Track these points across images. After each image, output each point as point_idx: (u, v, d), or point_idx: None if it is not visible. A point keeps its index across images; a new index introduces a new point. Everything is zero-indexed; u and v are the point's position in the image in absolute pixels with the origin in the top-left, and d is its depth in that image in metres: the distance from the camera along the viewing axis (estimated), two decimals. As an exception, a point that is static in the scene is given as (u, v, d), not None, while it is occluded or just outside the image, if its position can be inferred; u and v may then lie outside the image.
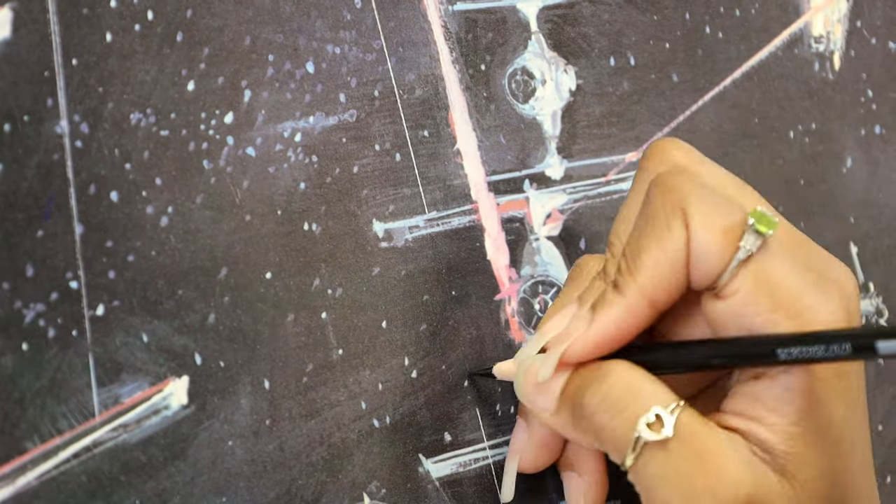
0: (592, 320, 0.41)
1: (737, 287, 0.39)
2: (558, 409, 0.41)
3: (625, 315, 0.40)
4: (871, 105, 0.59)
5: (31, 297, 0.40)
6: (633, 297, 0.40)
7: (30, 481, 0.39)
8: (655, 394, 0.39)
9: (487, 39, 0.50)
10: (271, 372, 0.44)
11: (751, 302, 0.39)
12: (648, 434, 0.39)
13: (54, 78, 0.41)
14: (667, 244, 0.39)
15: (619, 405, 0.39)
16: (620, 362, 0.40)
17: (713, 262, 0.39)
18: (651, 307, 0.40)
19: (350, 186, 0.46)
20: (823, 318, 0.39)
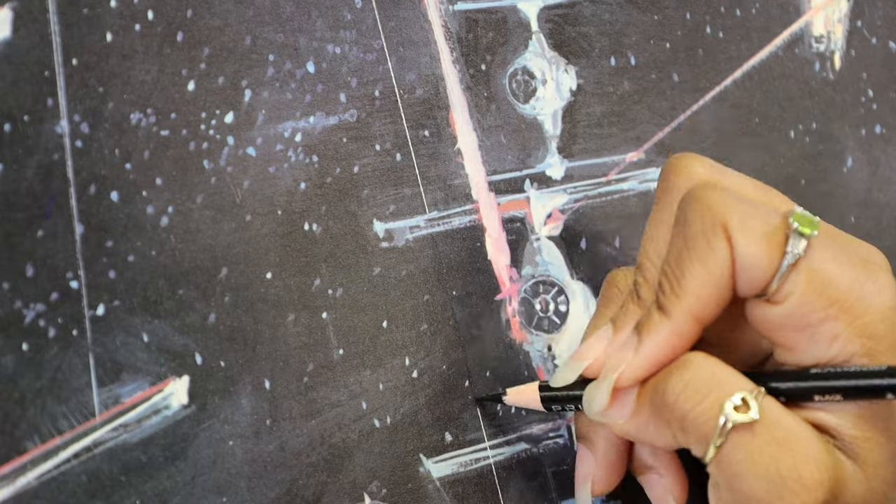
0: (640, 344, 0.41)
1: (789, 291, 0.39)
2: (636, 412, 0.41)
3: (673, 337, 0.40)
4: (871, 105, 0.58)
5: (31, 297, 0.40)
6: (681, 319, 0.40)
7: (30, 481, 0.39)
8: (737, 380, 0.39)
9: (488, 39, 0.50)
10: (272, 372, 0.44)
11: (805, 303, 0.39)
12: (736, 416, 0.38)
13: (54, 78, 0.41)
14: (711, 263, 0.39)
15: (704, 391, 0.39)
16: (697, 353, 0.40)
17: (761, 271, 0.39)
18: (698, 324, 0.40)
19: (351, 186, 0.46)
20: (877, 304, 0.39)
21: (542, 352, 0.49)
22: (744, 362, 0.42)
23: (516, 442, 0.48)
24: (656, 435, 0.41)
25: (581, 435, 0.45)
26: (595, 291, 0.51)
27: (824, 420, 0.40)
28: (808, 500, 0.38)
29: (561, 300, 0.50)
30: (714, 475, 0.40)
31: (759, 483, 0.38)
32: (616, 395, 0.41)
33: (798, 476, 0.38)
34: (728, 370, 0.40)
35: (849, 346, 0.39)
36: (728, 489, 0.39)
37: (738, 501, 0.39)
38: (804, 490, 0.38)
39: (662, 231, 0.42)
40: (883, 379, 0.39)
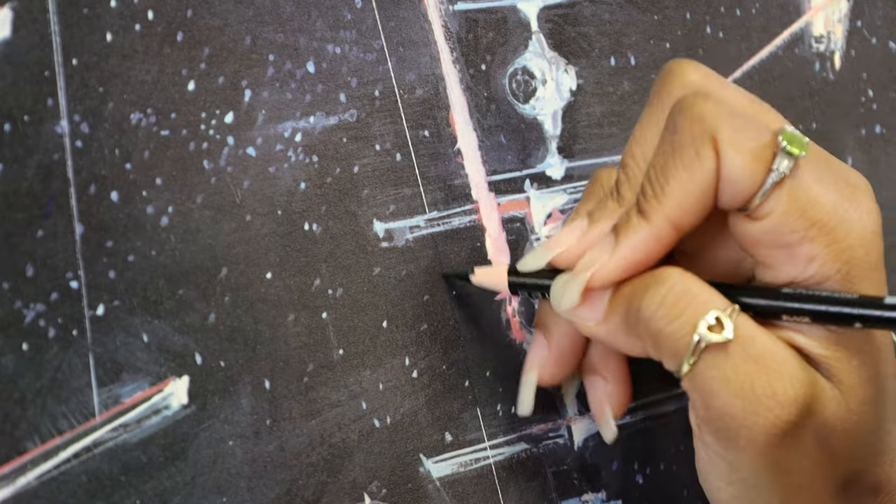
0: (617, 246, 0.41)
1: (770, 208, 0.39)
2: (607, 317, 0.41)
3: (651, 241, 0.40)
4: (871, 105, 0.59)
5: (31, 297, 0.40)
6: (660, 224, 0.40)
7: (30, 481, 0.39)
8: (712, 298, 0.39)
9: (488, 39, 0.50)
10: (272, 372, 0.44)
11: (786, 222, 0.39)
12: (710, 336, 0.39)
13: (54, 78, 0.41)
14: (696, 172, 0.39)
15: (678, 308, 0.39)
16: (674, 268, 0.40)
17: (745, 186, 0.39)
18: (677, 232, 0.40)
19: (350, 186, 0.46)
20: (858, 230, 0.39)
21: (542, 352, 0.49)
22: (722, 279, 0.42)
23: (516, 442, 0.48)
24: (626, 344, 0.41)
25: (539, 322, 0.45)
26: (595, 291, 0.51)
27: (797, 340, 0.40)
28: (781, 415, 0.38)
29: (561, 300, 0.50)
30: (688, 391, 0.40)
31: (733, 400, 0.39)
32: (587, 296, 0.41)
33: (772, 392, 0.38)
34: (703, 287, 0.40)
35: (825, 268, 0.39)
36: (703, 406, 0.39)
37: (713, 418, 0.39)
38: (778, 406, 0.38)
39: (651, 134, 0.42)
40: (853, 308, 0.39)
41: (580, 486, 0.49)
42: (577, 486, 0.49)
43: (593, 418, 0.47)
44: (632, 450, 0.50)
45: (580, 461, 0.49)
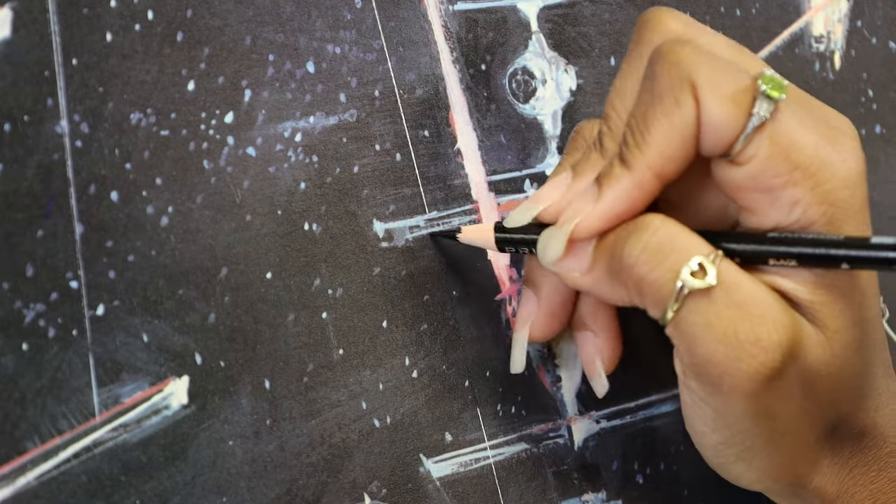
0: (600, 196, 0.40)
1: (752, 153, 0.39)
2: (592, 267, 0.41)
3: (634, 190, 0.40)
4: (871, 105, 0.58)
5: (31, 297, 0.40)
6: (642, 172, 0.40)
7: (30, 481, 0.39)
8: (695, 244, 0.39)
9: (488, 39, 0.50)
10: (272, 372, 0.44)
11: (768, 167, 0.39)
12: (693, 282, 0.38)
13: (54, 78, 0.41)
14: (676, 118, 0.39)
15: (660, 255, 0.39)
16: (656, 215, 0.40)
17: (726, 131, 0.39)
18: (659, 180, 0.40)
19: (350, 186, 0.46)
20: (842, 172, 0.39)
21: (542, 351, 0.49)
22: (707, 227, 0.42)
23: (516, 442, 0.48)
24: (611, 293, 0.41)
25: (528, 279, 0.45)
26: (595, 291, 0.51)
27: (782, 285, 0.40)
28: (765, 360, 0.38)
29: (561, 300, 0.50)
30: (672, 337, 0.40)
31: (716, 346, 0.38)
32: (572, 246, 0.41)
33: (756, 338, 0.38)
34: (686, 233, 0.39)
35: (809, 211, 0.39)
36: (687, 352, 0.39)
37: (697, 364, 0.39)
38: (762, 351, 0.38)
39: (631, 83, 0.42)
40: (839, 249, 0.38)
41: (580, 486, 0.49)
42: (577, 486, 0.49)
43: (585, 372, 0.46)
44: (632, 450, 0.50)
45: (580, 461, 0.49)
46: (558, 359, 0.49)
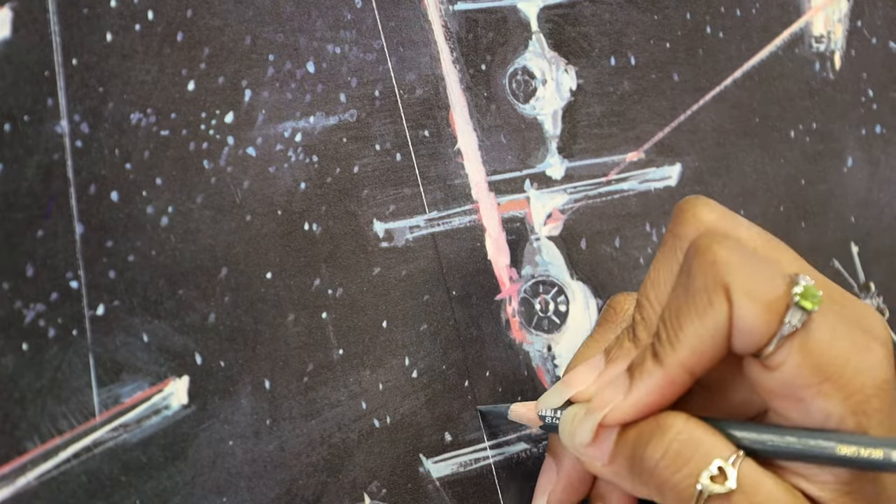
0: (631, 388, 0.41)
1: (782, 360, 0.39)
2: (613, 460, 0.41)
3: (664, 386, 0.40)
4: (871, 105, 0.58)
5: (31, 297, 0.40)
6: (674, 369, 0.40)
7: (30, 481, 0.39)
8: (716, 446, 0.39)
9: (488, 39, 0.50)
10: (272, 372, 0.44)
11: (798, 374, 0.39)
12: (712, 487, 0.39)
13: (54, 78, 0.41)
14: (708, 320, 0.39)
15: (681, 459, 0.39)
16: (679, 414, 0.40)
17: (757, 336, 0.39)
18: (690, 376, 0.40)
19: (350, 186, 0.46)
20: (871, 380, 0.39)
21: (542, 352, 0.49)
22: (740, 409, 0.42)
23: (516, 442, 0.48)
24: (632, 487, 0.42)
25: (551, 448, 0.46)
26: (595, 291, 0.51)
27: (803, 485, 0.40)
28: None
29: (561, 300, 0.50)
30: None
31: None
32: (598, 434, 0.41)
33: None
34: (707, 434, 0.40)
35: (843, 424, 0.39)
36: None
37: None
38: None
39: (664, 275, 0.42)
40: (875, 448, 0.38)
41: (580, 485, 0.49)
42: (576, 485, 0.49)
43: None
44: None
45: (580, 461, 0.49)
46: (558, 359, 0.49)
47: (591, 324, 0.51)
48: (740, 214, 0.54)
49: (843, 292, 0.41)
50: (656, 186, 0.53)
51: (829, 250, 0.57)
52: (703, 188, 0.54)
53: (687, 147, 0.54)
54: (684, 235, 0.42)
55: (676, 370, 0.40)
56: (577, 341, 0.50)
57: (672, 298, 0.40)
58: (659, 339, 0.40)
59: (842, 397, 0.39)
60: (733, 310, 0.39)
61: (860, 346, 0.39)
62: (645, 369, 0.41)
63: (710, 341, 0.39)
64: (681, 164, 0.54)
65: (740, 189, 0.55)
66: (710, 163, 0.54)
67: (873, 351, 0.39)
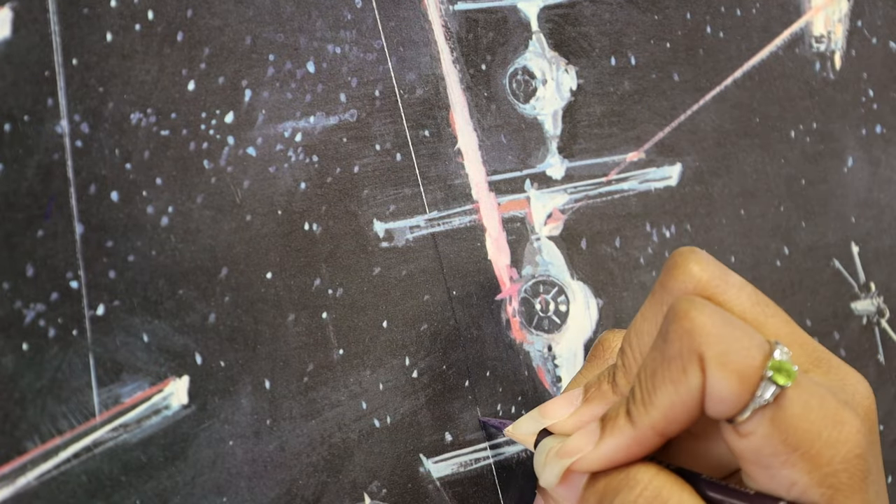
0: (601, 440, 0.41)
1: (752, 429, 0.39)
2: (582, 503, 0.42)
3: (633, 445, 0.41)
4: (872, 105, 0.58)
5: (31, 297, 0.40)
6: (644, 431, 0.41)
7: (30, 481, 0.39)
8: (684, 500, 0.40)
9: (488, 39, 0.50)
10: (272, 372, 0.44)
11: (767, 444, 0.39)
12: None
13: (55, 78, 0.41)
14: (682, 387, 0.40)
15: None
16: (649, 467, 0.41)
17: (729, 406, 0.39)
18: (661, 437, 0.41)
19: (351, 186, 0.46)
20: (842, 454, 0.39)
21: (542, 352, 0.49)
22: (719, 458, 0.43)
23: (516, 442, 0.48)
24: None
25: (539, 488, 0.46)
26: (595, 291, 0.51)
27: None
28: None
29: (561, 300, 0.50)
30: None
31: None
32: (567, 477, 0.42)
33: None
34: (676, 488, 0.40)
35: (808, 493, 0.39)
36: None
37: None
38: None
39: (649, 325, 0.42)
40: None
41: (580, 486, 0.49)
42: (577, 486, 0.49)
43: None
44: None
45: (580, 461, 0.49)
46: (559, 359, 0.49)
47: (592, 324, 0.51)
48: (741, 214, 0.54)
49: (830, 357, 0.42)
50: (657, 186, 0.53)
51: (830, 250, 0.57)
52: (704, 188, 0.54)
53: (687, 147, 0.54)
54: (672, 289, 0.42)
55: (647, 432, 0.40)
56: (577, 341, 0.50)
57: (648, 360, 0.41)
58: (633, 399, 0.41)
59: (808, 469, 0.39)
60: (707, 379, 0.39)
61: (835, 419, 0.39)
62: (617, 425, 0.41)
63: (681, 407, 0.40)
64: (681, 163, 0.54)
65: (740, 189, 0.55)
66: (710, 163, 0.54)
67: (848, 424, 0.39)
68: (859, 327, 0.57)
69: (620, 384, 0.43)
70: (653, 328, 0.42)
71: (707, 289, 0.42)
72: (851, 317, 0.57)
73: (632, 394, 0.41)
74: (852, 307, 0.57)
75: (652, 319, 0.42)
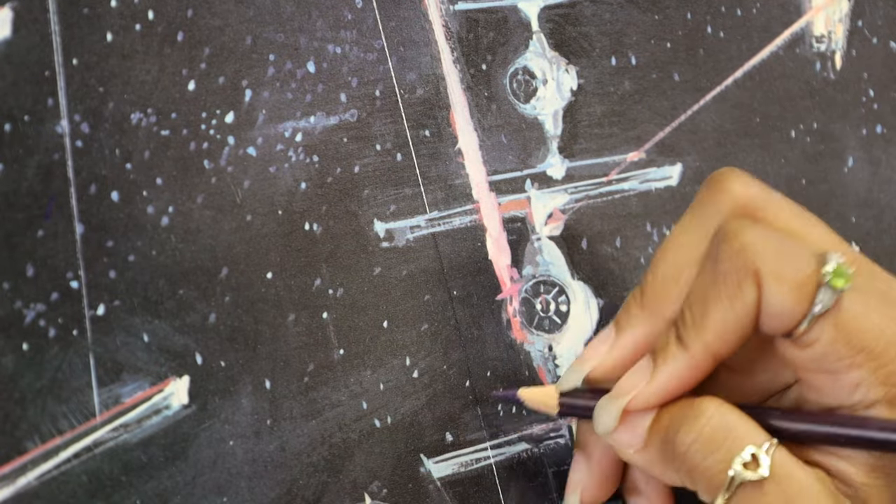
0: (655, 373, 0.41)
1: (815, 338, 0.39)
2: (646, 447, 0.41)
3: (689, 371, 0.40)
4: (872, 105, 0.58)
5: (31, 297, 0.40)
6: (699, 354, 0.40)
7: (30, 481, 0.39)
8: (749, 433, 0.39)
9: (489, 39, 0.50)
10: (272, 372, 0.44)
11: (831, 351, 0.39)
12: (745, 474, 0.39)
13: (55, 78, 0.41)
14: (738, 304, 0.39)
15: (714, 444, 0.39)
16: (713, 400, 0.40)
17: (788, 318, 0.39)
18: (715, 360, 0.40)
19: (351, 186, 0.46)
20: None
21: (543, 352, 0.49)
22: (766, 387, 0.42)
23: (517, 442, 0.48)
24: (663, 474, 0.41)
25: (580, 443, 0.45)
26: (596, 291, 0.51)
27: (837, 466, 0.40)
28: None
29: (562, 300, 0.50)
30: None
31: None
32: (626, 420, 0.41)
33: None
34: (741, 420, 0.39)
35: (871, 392, 0.39)
36: None
37: None
38: None
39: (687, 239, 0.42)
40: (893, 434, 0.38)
41: (581, 486, 0.49)
42: (577, 486, 0.49)
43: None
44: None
45: (581, 461, 0.49)
46: (559, 359, 0.49)
47: (592, 324, 0.51)
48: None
49: (873, 266, 0.41)
50: (657, 186, 0.53)
51: (830, 250, 0.57)
52: (704, 188, 0.54)
53: (688, 147, 0.54)
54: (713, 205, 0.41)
55: (701, 355, 0.40)
56: (578, 341, 0.50)
57: (698, 283, 0.40)
58: (684, 323, 0.40)
59: (873, 367, 0.39)
60: (763, 294, 0.39)
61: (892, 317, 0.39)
62: (669, 353, 0.40)
63: (737, 325, 0.39)
64: (682, 163, 0.54)
65: (741, 189, 0.55)
66: (710, 163, 0.54)
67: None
68: (860, 327, 0.57)
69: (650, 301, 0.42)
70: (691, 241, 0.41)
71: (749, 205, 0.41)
72: (852, 317, 0.57)
73: (681, 318, 0.40)
74: (853, 307, 0.57)
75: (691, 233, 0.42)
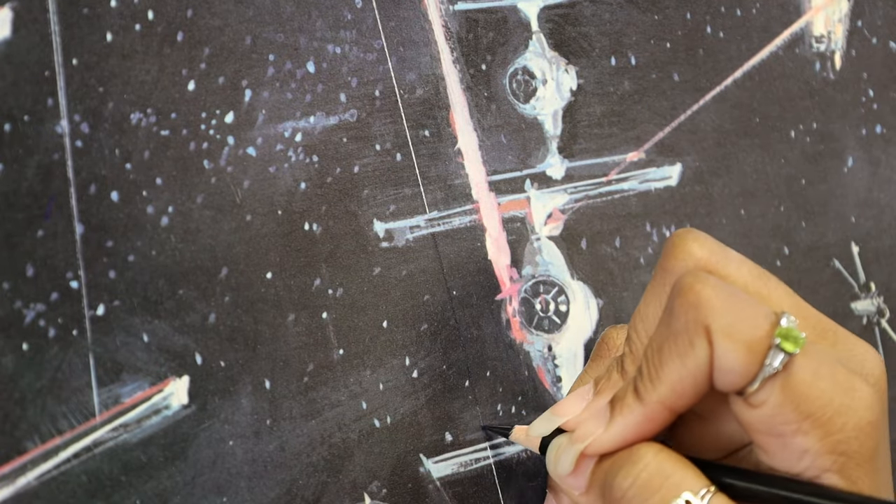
0: (611, 421, 0.41)
1: (763, 399, 0.39)
2: (589, 490, 0.42)
3: (643, 422, 0.41)
4: (872, 105, 0.58)
5: (31, 297, 0.40)
6: (653, 407, 0.40)
7: (30, 481, 0.39)
8: (686, 480, 0.39)
9: (488, 39, 0.50)
10: (272, 372, 0.44)
11: (779, 414, 0.39)
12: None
13: (55, 78, 0.41)
14: (689, 360, 0.39)
15: (649, 490, 0.39)
16: (651, 445, 0.41)
17: (738, 377, 0.39)
18: (670, 413, 0.41)
19: (351, 186, 0.46)
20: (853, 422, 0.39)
21: (543, 352, 0.49)
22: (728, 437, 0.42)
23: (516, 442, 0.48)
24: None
25: (551, 483, 0.46)
26: (595, 291, 0.51)
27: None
28: None
29: (561, 300, 0.50)
30: None
31: None
32: (579, 463, 0.42)
33: None
34: (678, 467, 0.40)
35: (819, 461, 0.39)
36: None
37: None
38: None
39: (653, 309, 0.42)
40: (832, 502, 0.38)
41: (580, 486, 0.49)
42: (577, 486, 0.49)
43: None
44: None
45: (580, 461, 0.49)
46: (559, 359, 0.49)
47: (592, 324, 0.51)
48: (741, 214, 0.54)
49: (836, 328, 0.41)
50: (657, 186, 0.53)
51: (830, 250, 0.57)
52: (704, 188, 0.54)
53: (687, 147, 0.54)
54: (673, 270, 0.42)
55: (655, 407, 0.40)
56: (577, 341, 0.50)
57: (655, 336, 0.41)
58: (640, 376, 0.41)
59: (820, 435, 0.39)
60: (714, 351, 0.39)
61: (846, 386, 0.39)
62: (626, 404, 0.41)
63: (690, 381, 0.40)
64: (681, 163, 0.54)
65: (740, 189, 0.55)
66: (710, 163, 0.54)
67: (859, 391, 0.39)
68: (859, 327, 0.57)
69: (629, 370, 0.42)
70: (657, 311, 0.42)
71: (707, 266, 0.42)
72: (851, 317, 0.57)
73: (639, 372, 0.41)
74: (852, 307, 0.57)
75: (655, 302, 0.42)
